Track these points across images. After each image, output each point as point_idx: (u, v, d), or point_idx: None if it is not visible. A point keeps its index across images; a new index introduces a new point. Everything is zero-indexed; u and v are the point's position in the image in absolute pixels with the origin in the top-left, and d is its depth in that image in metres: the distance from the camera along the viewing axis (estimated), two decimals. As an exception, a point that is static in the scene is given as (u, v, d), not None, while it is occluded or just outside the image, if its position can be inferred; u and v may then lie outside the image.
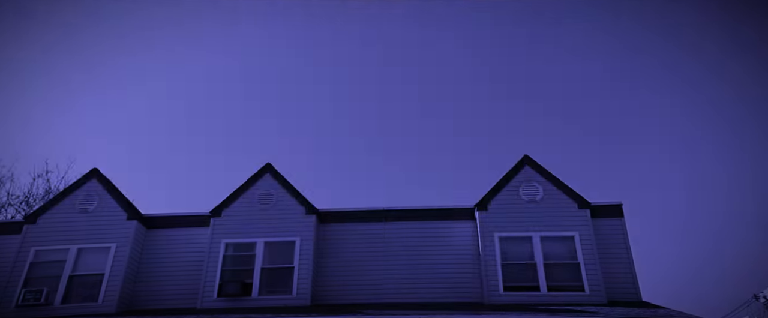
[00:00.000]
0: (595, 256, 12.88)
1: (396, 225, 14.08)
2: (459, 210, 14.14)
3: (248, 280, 13.09)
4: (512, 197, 13.90)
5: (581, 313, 10.88)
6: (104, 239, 13.65)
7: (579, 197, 13.73)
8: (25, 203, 24.57)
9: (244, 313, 11.57)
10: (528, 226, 13.42)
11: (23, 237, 13.67)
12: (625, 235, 13.59)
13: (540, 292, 12.62)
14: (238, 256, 13.51)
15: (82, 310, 12.69)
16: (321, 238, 14.11)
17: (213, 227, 13.83)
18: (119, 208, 14.16)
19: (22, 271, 13.18)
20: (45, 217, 14.05)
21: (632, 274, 13.13)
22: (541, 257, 13.03)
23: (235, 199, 14.23)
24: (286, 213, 14.01)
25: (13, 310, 12.69)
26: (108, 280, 13.08)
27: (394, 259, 13.63)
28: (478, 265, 13.38)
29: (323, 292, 13.42)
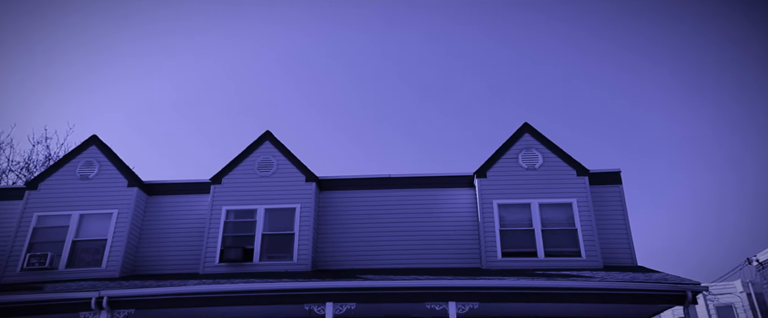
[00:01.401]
0: (592, 223, 13.01)
1: (396, 192, 14.16)
2: (458, 177, 14.20)
3: (249, 246, 13.26)
4: (511, 165, 13.94)
5: (577, 277, 11.06)
6: (105, 205, 13.78)
7: (578, 164, 13.77)
8: (25, 169, 24.64)
9: (246, 278, 11.75)
10: (527, 194, 13.50)
11: (25, 202, 13.81)
12: (622, 202, 13.71)
13: (537, 257, 12.80)
14: (239, 223, 13.65)
15: (87, 274, 12.91)
16: (321, 205, 14.21)
17: (213, 194, 13.92)
18: (120, 175, 14.23)
19: (26, 236, 13.36)
20: (46, 184, 14.14)
21: (629, 239, 13.30)
22: (539, 224, 13.16)
23: (235, 167, 14.27)
24: (286, 180, 14.07)
25: (19, 274, 12.92)
26: (111, 245, 13.26)
27: (394, 226, 13.77)
28: (477, 231, 13.53)
29: (324, 258, 13.61)
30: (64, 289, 11.28)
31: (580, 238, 12.88)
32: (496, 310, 11.69)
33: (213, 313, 12.04)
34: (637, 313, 11.90)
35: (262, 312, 11.96)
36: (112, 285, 11.56)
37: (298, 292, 10.75)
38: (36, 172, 24.32)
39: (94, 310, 10.72)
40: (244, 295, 10.84)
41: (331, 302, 10.61)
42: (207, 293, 10.88)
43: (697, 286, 10.45)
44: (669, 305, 11.02)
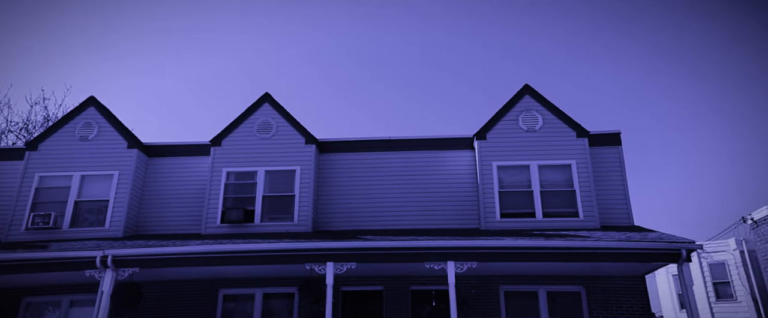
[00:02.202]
0: (590, 184, 13.11)
1: (396, 154, 14.19)
2: (458, 140, 14.20)
3: (250, 207, 13.38)
4: (511, 126, 13.92)
5: (574, 237, 11.22)
6: (106, 167, 13.84)
7: (578, 126, 13.75)
8: (24, 130, 24.60)
9: (247, 238, 11.92)
10: (526, 155, 13.54)
11: (26, 163, 13.87)
12: (621, 163, 13.77)
13: (536, 218, 12.94)
14: (239, 185, 13.73)
15: (90, 234, 13.09)
16: (321, 167, 14.26)
17: (214, 156, 13.95)
18: (119, 137, 14.24)
19: (29, 196, 13.48)
20: (46, 145, 14.16)
21: (626, 199, 13.43)
22: (538, 185, 13.25)
23: (234, 129, 14.25)
24: (286, 142, 14.07)
25: (23, 232, 13.09)
26: (113, 206, 13.39)
27: (394, 188, 13.86)
28: (476, 193, 13.63)
29: (324, 219, 13.76)
30: (68, 248, 11.46)
31: (579, 199, 12.99)
32: (495, 269, 11.92)
33: (215, 272, 12.28)
34: (633, 270, 12.14)
35: (264, 271, 12.20)
36: (116, 244, 11.73)
37: (300, 252, 10.92)
38: (35, 132, 24.30)
39: (99, 268, 10.91)
40: (246, 255, 11.01)
41: (331, 262, 10.79)
42: (210, 253, 11.05)
43: (691, 244, 10.61)
44: (664, 263, 11.23)
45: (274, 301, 13.05)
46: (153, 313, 12.78)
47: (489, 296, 12.55)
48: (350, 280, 12.60)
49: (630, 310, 12.27)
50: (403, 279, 12.79)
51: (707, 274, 21.95)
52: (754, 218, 19.96)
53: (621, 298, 12.37)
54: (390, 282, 12.79)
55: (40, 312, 13.25)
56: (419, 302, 12.77)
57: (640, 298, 12.37)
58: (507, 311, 12.54)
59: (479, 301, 12.50)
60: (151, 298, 12.83)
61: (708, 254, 21.87)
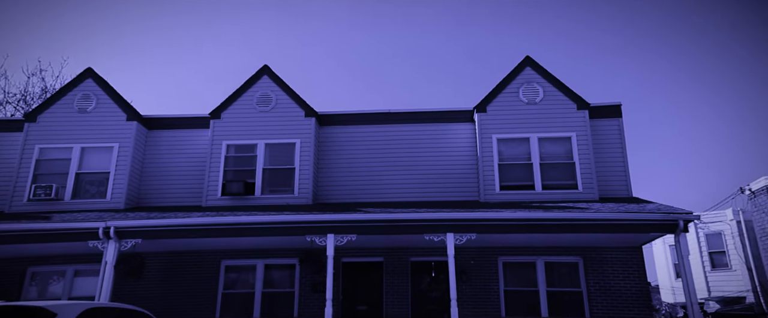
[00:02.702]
0: (590, 156, 13.13)
1: (396, 127, 14.16)
2: (459, 112, 14.15)
3: (251, 180, 13.44)
4: (512, 99, 13.86)
5: (573, 209, 11.30)
6: (106, 139, 13.84)
7: (578, 98, 13.69)
8: (22, 101, 24.49)
9: (248, 211, 12.00)
10: (526, 128, 13.52)
11: (26, 135, 13.87)
12: (621, 135, 13.76)
13: (535, 190, 13.01)
14: (239, 157, 13.75)
15: (92, 206, 13.18)
16: (321, 140, 14.26)
17: (213, 129, 13.93)
18: (118, 109, 14.19)
19: (30, 168, 13.53)
20: (44, 116, 14.13)
21: (625, 171, 13.47)
22: (537, 158, 13.28)
23: (233, 101, 14.19)
24: (286, 115, 14.03)
25: (26, 204, 13.19)
26: (114, 178, 13.45)
27: (394, 161, 13.88)
28: (476, 166, 13.66)
29: (325, 192, 13.83)
30: (71, 219, 11.57)
31: (578, 171, 13.03)
32: (494, 240, 12.05)
33: (217, 243, 12.42)
34: (630, 241, 12.28)
35: (265, 243, 12.34)
36: (118, 216, 11.83)
37: (300, 224, 11.02)
38: (33, 104, 24.19)
39: (102, 239, 11.05)
40: (247, 226, 11.12)
41: (332, 234, 10.90)
42: (211, 225, 11.15)
43: (688, 215, 10.70)
44: (661, 234, 11.36)
45: (275, 272, 13.24)
46: (156, 283, 12.98)
47: (488, 267, 12.72)
48: (350, 251, 12.75)
49: (626, 280, 12.46)
50: (403, 250, 12.94)
51: (703, 244, 22.19)
52: (752, 189, 20.06)
53: (618, 268, 12.55)
54: (390, 253, 12.95)
55: (45, 281, 13.47)
56: (419, 273, 12.96)
57: (636, 268, 12.54)
58: (505, 281, 12.73)
59: (478, 271, 12.68)
60: (155, 269, 13.02)
61: (705, 225, 22.06)
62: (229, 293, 13.01)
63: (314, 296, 12.58)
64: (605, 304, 12.24)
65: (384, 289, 12.73)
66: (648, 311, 12.35)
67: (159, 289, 12.93)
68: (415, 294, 12.79)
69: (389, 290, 12.67)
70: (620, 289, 12.35)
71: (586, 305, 12.36)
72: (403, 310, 12.52)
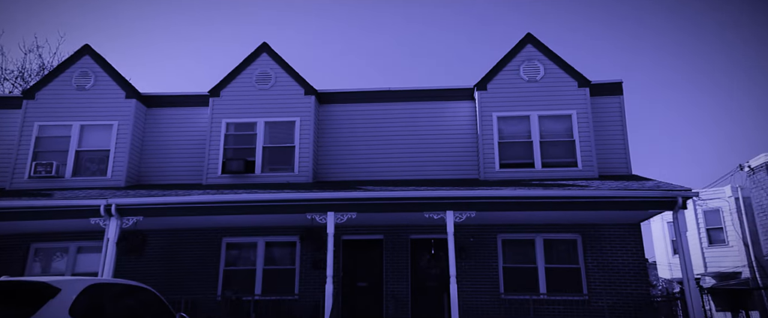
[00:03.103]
0: (590, 134, 13.12)
1: (396, 105, 14.10)
2: (459, 90, 14.08)
3: (251, 158, 13.44)
4: (512, 76, 13.77)
5: (573, 187, 11.34)
6: (105, 117, 13.81)
7: (579, 75, 13.61)
8: (20, 78, 24.34)
9: (248, 189, 12.04)
10: (527, 106, 13.47)
11: (24, 112, 13.84)
12: (622, 112, 13.72)
13: (535, 168, 13.03)
14: (239, 136, 13.73)
15: (93, 183, 13.22)
16: (321, 119, 14.21)
17: (213, 107, 13.87)
18: (117, 86, 14.12)
19: (30, 145, 13.53)
20: (43, 93, 14.07)
21: (625, 149, 13.48)
22: (537, 136, 13.26)
23: (232, 79, 14.10)
24: (285, 93, 13.96)
25: (27, 181, 13.23)
26: (114, 156, 13.46)
27: (394, 139, 13.86)
28: (476, 144, 13.65)
29: (325, 170, 13.85)
30: (73, 197, 11.63)
31: (578, 149, 13.04)
32: (493, 218, 12.12)
33: (218, 221, 12.50)
34: (629, 218, 12.35)
35: (266, 221, 12.41)
36: (119, 194, 11.88)
37: (301, 202, 11.07)
38: (31, 81, 24.05)
39: (103, 217, 11.12)
40: (247, 204, 11.17)
41: (332, 212, 10.95)
42: (212, 203, 11.20)
43: (687, 192, 10.75)
44: (660, 210, 11.43)
45: (276, 249, 13.35)
46: (158, 260, 13.11)
47: (487, 244, 12.82)
48: (351, 229, 12.84)
49: (624, 256, 12.58)
50: (403, 228, 13.03)
51: (701, 220, 22.34)
52: (751, 165, 20.11)
53: (616, 244, 12.66)
54: (390, 231, 13.04)
55: (48, 257, 13.60)
56: (419, 250, 13.08)
57: (634, 245, 12.65)
58: (504, 258, 12.85)
59: (477, 248, 12.78)
60: (157, 246, 13.13)
61: (703, 201, 22.18)
62: (230, 270, 13.14)
63: (315, 273, 12.72)
64: (603, 281, 12.38)
65: (384, 266, 12.86)
66: (645, 287, 12.49)
67: (161, 265, 13.06)
68: (415, 271, 12.93)
69: (389, 267, 12.80)
70: (618, 266, 12.48)
71: (583, 281, 12.50)
72: (403, 286, 12.67)
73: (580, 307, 12.11)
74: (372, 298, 12.78)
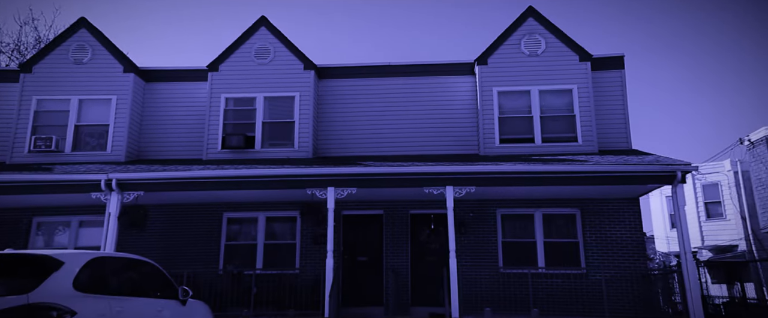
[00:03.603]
0: (591, 108, 13.07)
1: (396, 80, 14.01)
2: (459, 65, 13.96)
3: (250, 133, 13.42)
4: (513, 51, 13.64)
5: (572, 162, 11.36)
6: (103, 91, 13.74)
7: (581, 49, 13.49)
8: (16, 51, 24.14)
9: (248, 164, 12.06)
10: (527, 80, 13.38)
11: (22, 85, 13.77)
12: (623, 87, 13.64)
13: (535, 143, 13.03)
14: (239, 111, 13.68)
15: (93, 158, 13.24)
16: (321, 94, 14.13)
17: (212, 82, 13.78)
18: (114, 60, 14.01)
19: (28, 119, 13.51)
20: (40, 67, 13.98)
21: (626, 123, 13.45)
22: (538, 110, 13.21)
23: (231, 53, 13.97)
24: (284, 68, 13.86)
25: (27, 155, 13.25)
26: (113, 130, 13.44)
27: (394, 114, 13.81)
28: (476, 119, 13.61)
29: (324, 145, 13.84)
30: (73, 171, 11.66)
31: (578, 124, 13.01)
32: (493, 193, 12.17)
33: (219, 196, 12.55)
34: (628, 192, 12.40)
35: (266, 196, 12.46)
36: (120, 168, 11.90)
37: (301, 177, 11.09)
38: (28, 54, 23.85)
39: (104, 191, 11.17)
40: (248, 180, 11.20)
41: (332, 187, 10.99)
42: (212, 178, 11.23)
43: (687, 166, 10.77)
44: (659, 185, 11.48)
45: (277, 224, 13.44)
46: (160, 234, 13.21)
47: (486, 219, 12.91)
48: (351, 204, 12.90)
49: (622, 231, 12.67)
50: (403, 203, 13.09)
51: (700, 194, 22.45)
52: (752, 139, 20.09)
53: (615, 219, 12.74)
54: (390, 206, 13.11)
55: (51, 231, 13.71)
56: (418, 225, 13.17)
57: (632, 219, 12.74)
58: (503, 233, 12.95)
59: (477, 223, 12.87)
60: (158, 221, 13.22)
61: (702, 176, 22.24)
62: (231, 245, 13.26)
63: (316, 248, 12.84)
64: (601, 254, 12.51)
65: (384, 241, 12.96)
66: (642, 260, 12.62)
67: (163, 240, 13.17)
68: (415, 246, 13.04)
69: (389, 242, 12.91)
70: (616, 240, 12.59)
71: (582, 255, 12.62)
72: (403, 261, 12.80)
73: (577, 281, 12.26)
74: (372, 272, 12.92)
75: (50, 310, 4.84)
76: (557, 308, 11.90)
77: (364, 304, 12.59)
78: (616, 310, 11.72)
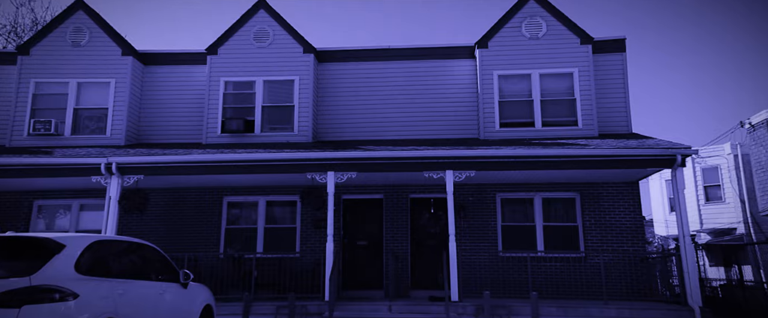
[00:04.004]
0: (591, 92, 13.02)
1: (396, 64, 13.92)
2: (459, 48, 13.86)
3: (250, 117, 13.38)
4: (514, 34, 13.54)
5: (572, 146, 11.36)
6: (102, 74, 13.68)
7: (582, 32, 13.39)
8: (13, 33, 23.96)
9: (248, 148, 12.05)
10: (528, 64, 13.31)
11: (20, 68, 13.70)
12: (624, 70, 13.57)
13: (535, 127, 13.00)
14: (238, 94, 13.62)
15: (92, 142, 13.23)
16: (320, 77, 14.06)
17: (210, 65, 13.70)
18: (112, 43, 13.92)
19: (27, 102, 13.46)
20: (37, 49, 13.89)
21: (626, 107, 13.42)
22: (538, 94, 13.16)
23: (230, 36, 13.86)
24: (284, 51, 13.76)
25: (26, 138, 13.23)
26: (112, 114, 13.40)
27: (394, 98, 13.75)
28: (476, 103, 13.56)
29: (324, 130, 13.81)
30: (73, 155, 11.67)
31: (579, 107, 12.97)
32: (493, 177, 12.18)
33: (219, 180, 12.57)
34: (628, 176, 12.42)
35: (266, 180, 12.48)
36: (120, 152, 11.90)
37: (301, 161, 11.09)
38: (25, 36, 23.68)
39: (104, 175, 11.19)
40: (248, 164, 11.21)
41: (332, 171, 11.00)
42: (212, 162, 11.24)
43: (687, 149, 10.77)
44: (659, 168, 11.50)
45: (277, 208, 13.47)
46: (160, 218, 13.25)
47: (486, 203, 12.94)
48: (351, 188, 12.92)
49: (621, 215, 12.72)
50: (403, 187, 13.11)
51: (699, 178, 22.47)
52: (752, 122, 20.04)
53: (614, 202, 12.78)
54: (390, 190, 13.13)
55: (52, 214, 13.75)
56: (418, 209, 13.21)
57: (631, 203, 12.78)
58: (503, 217, 13.00)
59: (476, 207, 12.91)
60: (158, 205, 13.24)
61: (702, 159, 22.25)
62: (232, 228, 13.31)
63: (316, 232, 12.89)
64: (600, 238, 12.57)
65: (384, 225, 13.01)
66: (641, 244, 12.69)
67: (163, 224, 13.21)
68: (415, 230, 13.09)
69: (389, 226, 12.95)
70: (615, 223, 12.64)
71: (581, 239, 12.68)
72: (403, 245, 12.86)
73: (576, 264, 12.33)
74: (372, 256, 12.99)
75: (53, 292, 4.87)
76: (556, 291, 12.00)
77: (364, 287, 12.68)
78: (615, 293, 11.81)
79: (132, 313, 5.76)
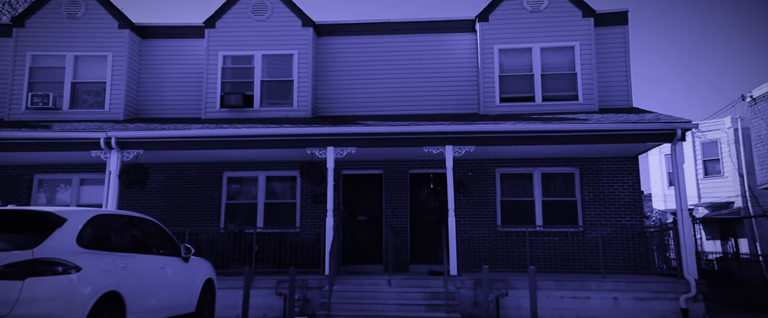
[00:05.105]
0: (592, 66, 12.92)
1: (395, 38, 13.77)
2: (460, 21, 13.69)
3: (249, 92, 13.30)
4: (515, 7, 13.36)
5: (572, 120, 11.33)
6: (99, 48, 13.56)
7: (584, 5, 13.22)
8: (7, 4, 23.63)
9: (247, 123, 12.02)
10: (529, 38, 13.16)
11: (16, 40, 13.57)
12: (626, 44, 13.44)
13: (535, 102, 12.94)
14: (237, 69, 13.51)
15: (91, 116, 13.19)
16: (319, 52, 13.92)
17: (208, 39, 13.56)
18: (109, 16, 13.75)
19: (24, 75, 13.37)
20: (33, 21, 13.73)
21: (627, 81, 13.34)
22: (539, 68, 13.07)
23: (228, 9, 13.67)
24: (282, 25, 13.60)
25: (24, 112, 13.19)
26: (110, 88, 13.33)
27: (394, 73, 13.64)
28: (476, 77, 13.47)
29: (324, 105, 13.74)
30: (72, 129, 11.66)
31: (579, 82, 12.89)
32: (492, 152, 12.18)
33: (218, 155, 12.57)
34: (627, 151, 12.43)
35: (266, 155, 12.49)
36: (118, 127, 11.88)
37: (300, 137, 11.08)
38: (19, 8, 23.35)
39: (104, 149, 11.19)
40: (247, 139, 11.19)
41: (331, 147, 10.99)
42: (212, 137, 11.22)
43: (687, 123, 10.75)
44: (659, 143, 11.49)
45: (277, 183, 13.51)
46: (160, 193, 13.30)
47: (485, 178, 12.97)
48: (350, 164, 12.93)
49: (620, 189, 12.77)
50: (402, 163, 13.12)
51: (699, 152, 22.48)
52: (754, 96, 19.95)
53: (613, 177, 12.82)
54: (389, 166, 13.14)
55: (52, 189, 13.80)
56: (418, 185, 13.25)
57: (630, 177, 12.81)
58: (502, 192, 13.04)
59: (476, 183, 12.94)
60: (159, 180, 13.28)
61: (702, 133, 22.23)
62: (232, 203, 13.37)
63: (316, 207, 12.95)
64: (598, 213, 12.64)
65: (384, 200, 13.06)
66: (639, 218, 12.76)
67: (163, 198, 13.27)
68: (414, 205, 13.15)
69: (389, 201, 13.01)
70: (613, 198, 12.69)
71: (579, 214, 12.75)
72: (403, 220, 12.93)
73: (574, 238, 12.43)
74: (372, 231, 13.08)
75: (56, 265, 4.92)
76: (554, 265, 12.12)
77: (363, 262, 12.80)
78: (612, 267, 11.94)
79: (134, 287, 5.82)
